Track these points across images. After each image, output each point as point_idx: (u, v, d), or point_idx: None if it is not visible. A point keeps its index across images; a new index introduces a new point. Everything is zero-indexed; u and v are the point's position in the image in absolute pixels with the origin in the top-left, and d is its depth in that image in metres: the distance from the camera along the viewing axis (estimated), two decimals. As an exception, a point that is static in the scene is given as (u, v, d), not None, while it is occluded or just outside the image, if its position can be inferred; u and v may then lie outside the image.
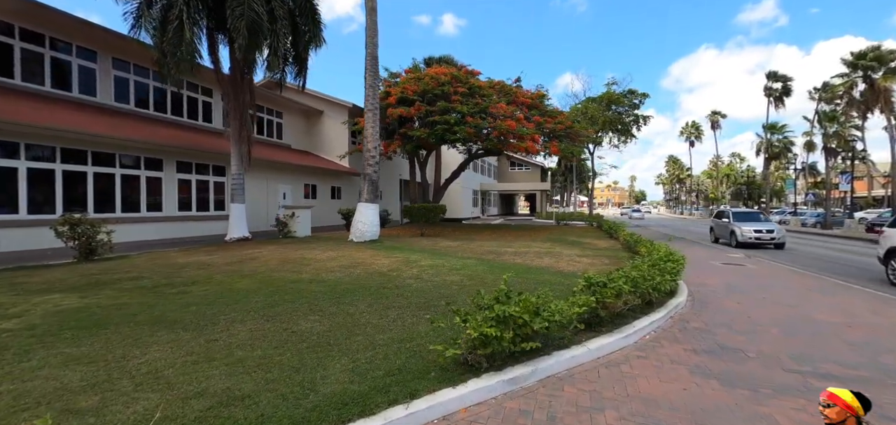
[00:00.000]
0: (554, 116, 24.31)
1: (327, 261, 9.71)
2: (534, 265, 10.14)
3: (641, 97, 38.61)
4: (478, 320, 3.61)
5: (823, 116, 33.44)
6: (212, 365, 3.71)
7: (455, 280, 7.74)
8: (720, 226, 20.23)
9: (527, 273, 8.79)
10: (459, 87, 20.96)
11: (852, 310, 6.90)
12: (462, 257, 11.13)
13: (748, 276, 10.19)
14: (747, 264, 12.47)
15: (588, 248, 14.42)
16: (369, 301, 6.02)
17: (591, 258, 11.76)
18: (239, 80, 13.53)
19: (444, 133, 18.89)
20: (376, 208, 13.96)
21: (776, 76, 47.15)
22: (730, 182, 75.02)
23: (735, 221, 18.73)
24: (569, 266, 10.14)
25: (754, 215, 20.34)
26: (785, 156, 45.24)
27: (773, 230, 17.74)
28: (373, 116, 13.84)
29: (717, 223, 20.93)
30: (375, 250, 11.75)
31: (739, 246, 17.48)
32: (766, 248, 17.33)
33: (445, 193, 40.02)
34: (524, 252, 12.66)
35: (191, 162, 15.72)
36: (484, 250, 12.92)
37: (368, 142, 13.84)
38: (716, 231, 20.86)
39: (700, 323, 5.94)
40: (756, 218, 19.53)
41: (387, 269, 8.70)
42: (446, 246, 13.88)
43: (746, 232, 17.59)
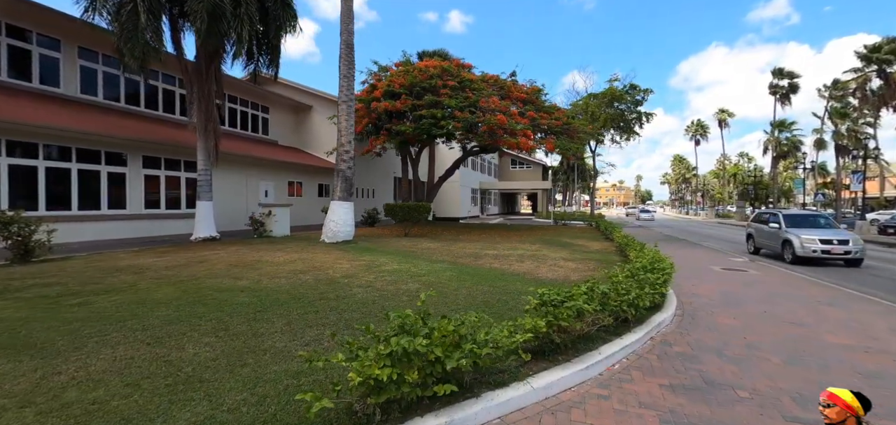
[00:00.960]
0: (550, 112, 23.32)
1: (282, 264, 8.82)
2: (510, 270, 9.19)
3: (644, 93, 37.42)
4: (369, 358, 2.69)
5: (835, 113, 32.11)
6: (21, 413, 2.81)
7: (411, 289, 6.82)
8: (764, 233, 15.28)
9: (497, 280, 7.85)
10: (449, 81, 20.02)
11: (870, 330, 5.90)
12: (435, 261, 10.20)
13: (749, 285, 9.17)
14: (750, 270, 11.42)
15: (578, 251, 13.43)
16: (295, 315, 5.12)
17: (578, 262, 10.79)
18: (204, 68, 12.68)
19: (431, 127, 17.96)
20: (350, 207, 13.05)
21: (782, 73, 45.74)
22: (737, 182, 73.38)
23: (790, 227, 13.82)
24: (549, 272, 9.17)
25: (815, 218, 14.95)
26: (794, 155, 43.75)
27: (848, 241, 12.54)
28: (347, 108, 12.94)
29: (760, 229, 15.81)
30: (344, 252, 10.86)
31: (796, 261, 12.83)
32: (835, 266, 12.56)
33: (441, 192, 39.18)
34: (507, 255, 11.71)
35: (159, 157, 14.90)
36: (464, 253, 11.99)
37: (342, 136, 12.94)
38: (757, 239, 15.94)
39: (685, 346, 4.97)
40: (818, 222, 14.42)
41: (342, 275, 7.81)
42: (426, 247, 12.96)
43: (809, 242, 12.66)
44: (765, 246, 15.30)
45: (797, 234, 13.14)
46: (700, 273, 10.75)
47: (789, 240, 13.29)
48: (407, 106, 18.57)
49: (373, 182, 29.35)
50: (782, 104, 46.21)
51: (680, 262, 12.28)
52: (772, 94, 46.24)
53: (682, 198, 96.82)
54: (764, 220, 15.97)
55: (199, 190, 13.22)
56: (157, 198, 14.89)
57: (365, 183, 28.12)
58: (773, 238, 14.53)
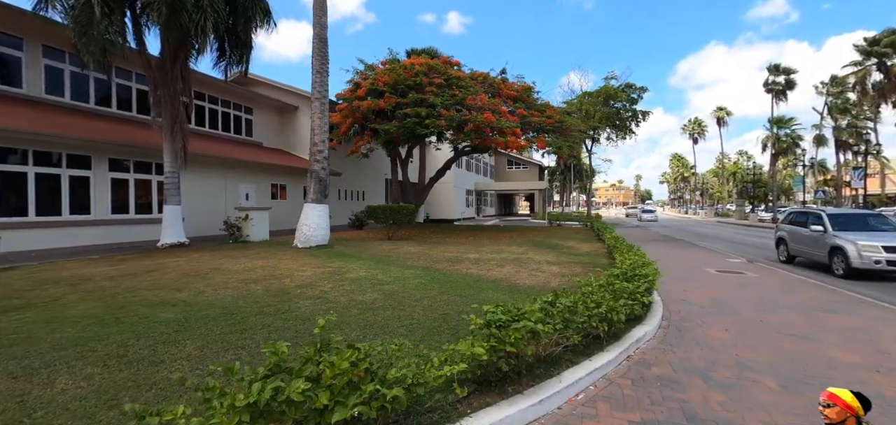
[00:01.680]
0: (542, 110, 22.68)
1: (238, 273, 8.14)
2: (487, 277, 8.50)
3: (640, 91, 36.76)
4: (220, 411, 2.01)
5: (834, 108, 31.44)
6: None
7: (367, 300, 6.13)
8: (803, 237, 12.16)
9: (468, 288, 7.16)
10: (436, 78, 19.37)
11: (880, 342, 5.21)
12: (409, 266, 9.52)
13: (745, 288, 8.48)
14: (746, 272, 10.73)
15: (566, 253, 12.75)
16: (216, 335, 4.44)
17: (563, 266, 10.10)
18: (169, 65, 12.00)
19: (416, 126, 17.28)
20: (325, 210, 12.37)
21: (778, 69, 45.10)
22: (736, 180, 72.70)
23: (840, 230, 10.91)
24: (529, 278, 8.48)
25: (866, 218, 11.96)
26: (793, 152, 43.06)
27: None
28: (320, 106, 12.26)
29: (796, 233, 12.66)
30: (313, 258, 10.17)
31: (851, 275, 10.02)
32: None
33: (434, 193, 38.48)
34: (489, 259, 11.02)
35: (128, 159, 14.22)
36: (444, 257, 11.30)
37: (315, 135, 12.25)
38: (791, 244, 12.82)
39: (666, 366, 4.28)
40: (872, 223, 11.45)
41: (298, 284, 7.12)
42: (406, 251, 12.27)
43: (870, 250, 9.79)
44: (802, 253, 12.32)
45: (852, 240, 10.18)
46: (693, 276, 10.06)
47: (841, 248, 10.33)
48: (391, 104, 17.90)
49: (363, 183, 28.68)
50: (778, 101, 45.54)
51: (673, 265, 11.61)
52: (768, 90, 45.59)
53: (680, 197, 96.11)
54: (801, 222, 12.65)
55: (166, 193, 12.55)
56: (125, 203, 14.19)
57: (355, 184, 27.46)
58: (815, 244, 11.52)
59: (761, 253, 15.80)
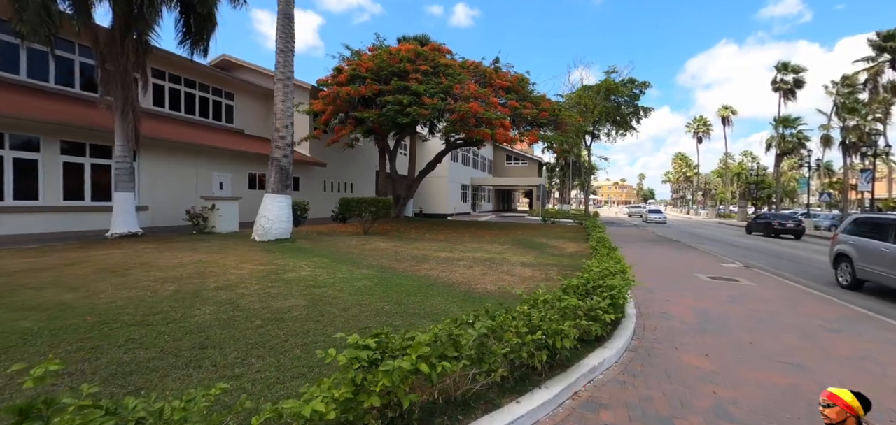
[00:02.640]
0: (537, 102, 21.62)
1: (167, 269, 7.23)
2: (446, 279, 7.55)
3: (642, 86, 35.56)
4: None
5: (843, 108, 30.20)
6: None
7: (287, 307, 5.21)
8: (879, 255, 8.65)
9: (416, 294, 6.22)
10: (422, 65, 18.36)
11: (891, 369, 4.25)
12: (366, 265, 8.59)
13: (737, 300, 7.50)
14: (742, 279, 9.73)
15: (548, 254, 11.80)
16: (58, 351, 3.52)
17: (538, 269, 9.14)
18: (118, 38, 11.05)
19: (396, 114, 16.29)
20: (286, 201, 11.44)
21: (787, 67, 43.73)
22: (741, 181, 71.31)
23: None
24: (493, 282, 7.53)
25: None
26: (798, 153, 41.77)
27: None
28: (283, 88, 11.30)
29: (867, 247, 9.06)
30: (264, 254, 9.27)
31: None
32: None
33: (427, 187, 37.58)
34: (459, 259, 10.08)
35: (83, 142, 13.31)
36: (412, 255, 10.37)
37: (277, 120, 11.30)
38: (861, 263, 9.16)
39: (619, 411, 3.32)
40: None
41: (224, 284, 6.20)
42: (373, 248, 11.34)
43: None
44: (877, 276, 8.68)
45: None
46: (682, 282, 9.08)
47: None
48: (372, 91, 16.91)
49: (351, 175, 27.71)
50: (786, 100, 44.18)
51: (662, 268, 10.62)
52: (775, 89, 44.24)
53: (682, 196, 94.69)
54: (878, 233, 8.98)
55: (117, 179, 11.65)
56: (80, 188, 13.29)
57: (342, 176, 26.52)
58: None
59: (761, 258, 14.79)
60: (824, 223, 32.69)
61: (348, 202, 14.55)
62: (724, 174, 72.41)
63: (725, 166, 69.75)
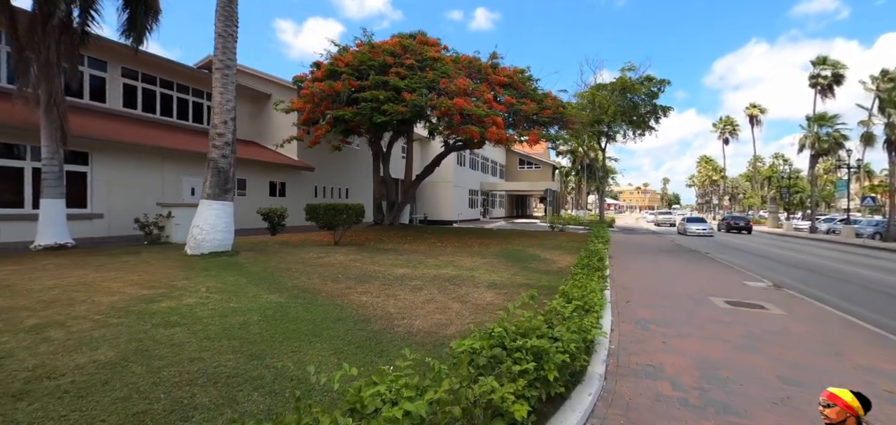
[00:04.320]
0: (539, 100, 19.74)
1: (34, 292, 5.78)
2: (372, 312, 5.82)
3: (661, 84, 33.05)
4: None
5: (888, 102, 27.15)
6: None
7: (84, 363, 3.60)
8: None
9: (303, 339, 4.54)
10: (408, 59, 16.78)
11: None
12: (288, 288, 6.96)
13: (761, 343, 5.51)
14: (770, 306, 7.66)
15: (532, 270, 9.93)
16: None
17: (506, 292, 7.32)
18: (40, 24, 9.81)
19: (373, 112, 14.71)
20: (225, 208, 9.96)
21: (825, 61, 40.43)
22: (772, 185, 67.14)
23: None
24: (430, 318, 5.74)
25: None
26: (835, 154, 38.35)
27: None
28: (223, 78, 9.85)
29: None
30: (179, 270, 7.79)
31: None
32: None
33: (430, 193, 35.97)
34: (415, 278, 8.36)
35: (23, 143, 12.16)
36: (361, 273, 8.70)
37: (216, 115, 9.86)
38: None
39: None
40: None
41: (59, 320, 4.67)
42: (326, 262, 9.73)
43: None
44: None
45: None
46: (690, 309, 7.10)
47: None
48: (348, 88, 15.39)
49: (347, 179, 26.32)
50: (824, 97, 40.83)
51: (668, 290, 8.61)
52: (812, 85, 40.95)
53: (708, 201, 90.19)
54: None
55: (44, 184, 10.39)
56: (19, 196, 12.12)
57: (335, 180, 25.17)
58: None
59: (795, 273, 12.51)
60: (867, 230, 29.46)
61: (314, 209, 13.00)
62: (753, 177, 68.33)
63: (754, 169, 65.75)
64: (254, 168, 19.84)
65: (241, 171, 19.39)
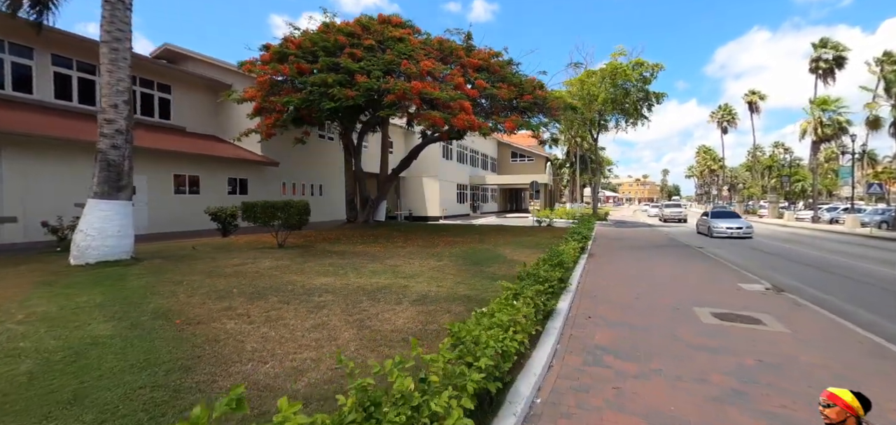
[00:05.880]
0: (517, 83, 18.11)
1: None
2: (216, 352, 4.26)
3: (653, 69, 31.36)
4: None
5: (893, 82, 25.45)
6: None
7: None
8: None
9: (57, 408, 2.98)
10: (366, 40, 15.13)
11: None
12: (150, 312, 5.40)
13: (750, 385, 3.92)
14: (767, 318, 6.07)
15: (486, 277, 8.34)
16: None
17: (428, 309, 5.74)
18: None
19: (321, 98, 13.09)
20: (118, 208, 8.37)
21: (826, 44, 38.66)
22: (772, 174, 65.41)
23: None
24: (283, 363, 4.19)
25: None
26: (838, 139, 36.68)
27: None
28: (112, 54, 8.22)
29: None
30: (37, 287, 6.20)
31: None
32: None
33: (412, 187, 34.37)
34: (340, 288, 6.79)
35: None
36: (272, 285, 7.13)
37: (104, 97, 8.24)
38: None
39: None
40: None
41: None
42: (246, 270, 8.15)
43: None
44: None
45: None
46: (667, 327, 5.53)
47: None
48: (295, 71, 13.74)
49: (320, 175, 24.67)
50: (825, 81, 39.12)
51: (649, 296, 6.99)
52: (813, 70, 39.23)
53: (707, 192, 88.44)
54: None
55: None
56: None
57: (305, 177, 23.57)
58: None
59: (797, 270, 10.91)
60: (873, 219, 27.78)
61: (252, 207, 11.42)
62: (752, 167, 66.61)
63: (754, 158, 64.02)
64: (209, 164, 18.26)
65: (195, 168, 17.82)
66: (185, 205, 17.27)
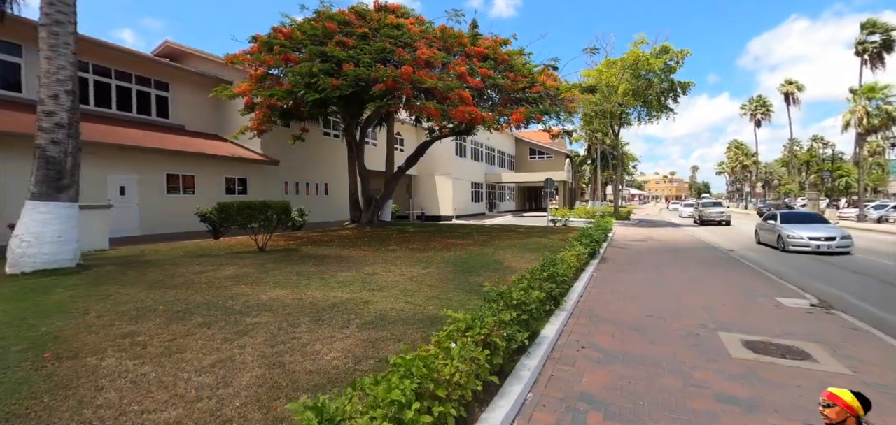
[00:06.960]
0: (527, 74, 16.77)
1: None
2: (31, 409, 3.22)
3: (678, 56, 29.18)
4: None
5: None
6: None
7: None
8: None
9: None
10: (360, 27, 14.09)
11: None
12: (54, 337, 4.45)
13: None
14: (819, 352, 4.66)
15: (466, 292, 7.14)
16: None
17: (368, 346, 4.59)
18: None
19: (306, 91, 12.10)
20: (58, 211, 7.52)
21: (874, 25, 35.51)
22: (811, 170, 61.35)
23: None
24: (149, 403, 3.10)
25: None
26: (888, 129, 33.59)
27: None
28: (51, 38, 7.39)
29: None
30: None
31: None
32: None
33: (425, 186, 33.25)
34: (288, 304, 5.73)
35: None
36: (216, 300, 6.13)
37: (43, 88, 7.41)
38: None
39: None
40: None
41: None
42: (201, 281, 7.20)
43: None
44: None
45: None
46: (682, 367, 4.21)
47: None
48: (280, 62, 12.82)
49: (325, 174, 23.87)
50: (873, 67, 35.93)
51: (665, 316, 5.61)
52: (858, 53, 36.11)
53: (739, 189, 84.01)
54: None
55: None
56: None
57: (313, 175, 22.84)
58: None
59: (848, 279, 9.22)
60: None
61: (227, 208, 10.55)
62: (789, 162, 62.67)
63: (791, 153, 60.17)
64: (205, 163, 17.59)
65: (189, 167, 17.20)
66: (178, 205, 16.63)
